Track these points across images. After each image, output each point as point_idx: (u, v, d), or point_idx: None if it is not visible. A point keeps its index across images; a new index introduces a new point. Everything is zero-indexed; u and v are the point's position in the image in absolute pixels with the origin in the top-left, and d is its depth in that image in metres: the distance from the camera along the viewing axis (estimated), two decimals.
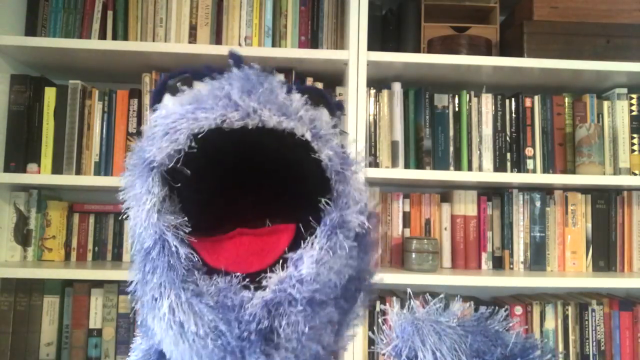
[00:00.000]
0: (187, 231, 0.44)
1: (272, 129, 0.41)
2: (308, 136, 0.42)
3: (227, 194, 0.53)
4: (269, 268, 0.43)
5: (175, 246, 0.42)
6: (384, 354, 0.42)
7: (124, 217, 0.46)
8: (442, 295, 0.46)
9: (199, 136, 0.41)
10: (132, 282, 0.46)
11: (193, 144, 0.41)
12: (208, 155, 0.42)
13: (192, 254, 0.43)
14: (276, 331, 0.41)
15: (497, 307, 0.46)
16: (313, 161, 0.44)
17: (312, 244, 0.43)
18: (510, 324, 0.45)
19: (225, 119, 0.40)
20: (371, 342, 1.34)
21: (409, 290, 0.42)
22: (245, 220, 0.49)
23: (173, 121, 0.42)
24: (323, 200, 0.44)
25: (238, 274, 0.43)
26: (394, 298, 1.36)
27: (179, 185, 0.44)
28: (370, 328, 1.34)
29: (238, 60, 0.48)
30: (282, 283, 0.42)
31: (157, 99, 0.48)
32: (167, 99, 0.47)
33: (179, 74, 0.47)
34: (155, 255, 0.43)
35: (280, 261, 0.44)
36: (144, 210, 0.43)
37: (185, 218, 0.44)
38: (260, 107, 0.41)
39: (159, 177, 0.42)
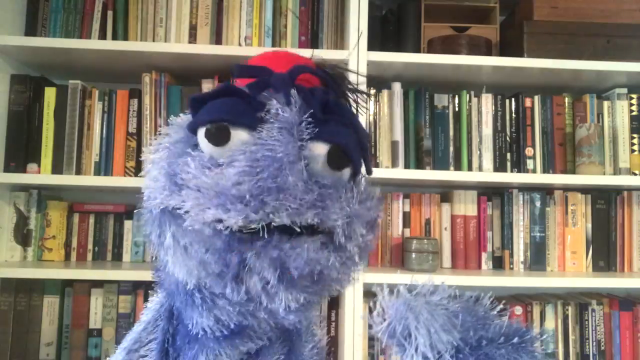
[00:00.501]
0: None
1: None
2: (315, 222, 0.45)
3: None
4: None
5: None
6: (379, 335, 0.44)
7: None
8: (431, 275, 0.47)
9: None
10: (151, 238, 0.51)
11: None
12: None
13: None
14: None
15: (482, 293, 0.47)
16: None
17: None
18: (496, 309, 0.46)
19: (242, 223, 0.43)
20: (371, 343, 1.34)
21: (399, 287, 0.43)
22: None
23: (203, 204, 0.44)
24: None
25: None
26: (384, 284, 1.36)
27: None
28: (371, 328, 1.34)
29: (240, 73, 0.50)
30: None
31: (193, 129, 0.50)
32: (204, 141, 0.48)
33: (215, 115, 0.48)
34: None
35: None
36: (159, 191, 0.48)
37: None
38: (274, 212, 0.43)
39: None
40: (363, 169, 0.54)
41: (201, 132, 0.48)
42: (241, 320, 0.48)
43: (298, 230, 0.44)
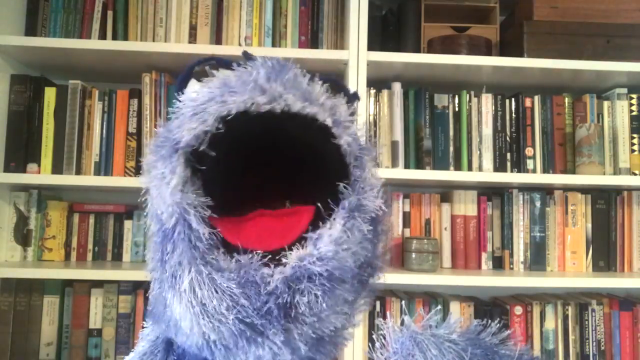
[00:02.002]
0: (208, 211, 0.45)
1: (294, 114, 0.43)
2: (329, 122, 0.44)
3: (248, 177, 0.55)
4: (288, 247, 0.45)
5: (197, 224, 0.43)
6: None
7: (141, 199, 0.48)
8: (438, 307, 0.46)
9: (228, 118, 0.42)
10: (150, 263, 0.47)
11: (221, 125, 0.42)
12: (231, 137, 0.43)
13: (213, 232, 0.44)
14: (295, 306, 0.43)
15: (489, 320, 0.46)
16: (332, 146, 0.45)
17: (331, 225, 0.44)
18: (505, 335, 0.45)
19: (253, 103, 0.42)
20: (371, 343, 1.34)
21: (402, 303, 0.42)
22: (265, 202, 0.50)
23: (202, 103, 0.43)
24: (341, 184, 0.45)
25: (258, 251, 0.44)
26: (389, 319, 1.36)
27: (203, 167, 0.44)
28: (370, 328, 1.34)
29: (250, 58, 0.49)
30: (302, 260, 0.43)
31: (182, 84, 0.49)
32: (193, 84, 0.48)
33: (204, 60, 0.48)
34: (177, 233, 0.43)
35: (301, 242, 0.45)
36: (167, 189, 0.43)
37: (208, 198, 0.45)
38: (285, 92, 0.42)
39: (184, 158, 0.43)
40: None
41: (190, 83, 0.48)
42: None
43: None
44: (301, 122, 0.44)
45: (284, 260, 0.44)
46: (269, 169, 0.54)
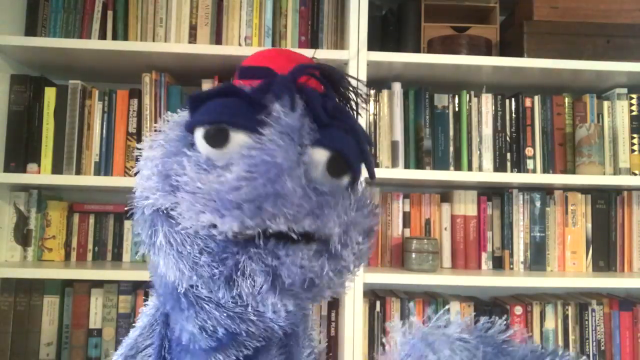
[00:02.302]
0: None
1: None
2: (310, 230, 0.44)
3: None
4: None
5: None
6: None
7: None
8: (447, 307, 0.46)
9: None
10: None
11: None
12: None
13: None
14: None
15: (495, 316, 0.45)
16: None
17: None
18: (511, 332, 0.44)
19: (239, 230, 0.42)
20: (371, 343, 1.34)
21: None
22: None
23: (198, 208, 0.43)
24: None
25: None
26: (398, 321, 1.36)
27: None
28: (371, 328, 1.34)
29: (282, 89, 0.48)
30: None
31: (190, 129, 0.48)
32: (201, 142, 0.47)
33: (215, 117, 0.46)
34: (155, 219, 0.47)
35: None
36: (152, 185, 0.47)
37: None
38: (270, 219, 0.42)
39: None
40: (364, 174, 0.54)
41: (199, 132, 0.46)
42: (229, 324, 0.47)
43: (295, 237, 0.43)
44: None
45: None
46: None
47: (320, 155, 0.47)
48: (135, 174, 0.50)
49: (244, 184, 0.42)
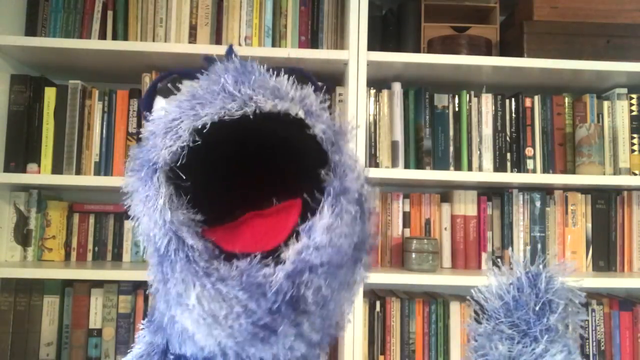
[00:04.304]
0: (199, 225, 0.45)
1: (267, 112, 0.43)
2: (301, 114, 0.44)
3: (230, 181, 0.55)
4: (284, 243, 0.45)
5: (192, 240, 0.44)
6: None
7: (135, 223, 0.47)
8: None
9: (204, 131, 0.42)
10: (152, 284, 0.47)
11: (196, 138, 0.42)
12: (207, 146, 0.44)
13: (209, 244, 0.44)
14: (301, 300, 0.43)
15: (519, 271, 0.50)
16: (308, 137, 0.46)
17: (321, 213, 0.45)
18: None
19: (225, 111, 0.42)
20: (371, 343, 1.34)
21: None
22: (252, 203, 0.50)
23: (173, 119, 0.43)
24: (322, 172, 0.46)
25: (257, 253, 0.44)
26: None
27: (186, 181, 0.45)
28: (371, 328, 1.34)
29: (230, 53, 0.49)
30: (300, 253, 0.44)
31: (148, 103, 0.50)
32: (160, 101, 0.48)
33: (167, 75, 0.48)
34: (173, 252, 0.44)
35: (294, 235, 0.45)
36: (155, 211, 0.44)
37: (197, 213, 0.45)
38: (254, 94, 0.43)
39: (164, 176, 0.44)
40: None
41: (156, 100, 0.49)
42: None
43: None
44: (274, 119, 0.44)
45: (282, 257, 0.44)
46: (252, 169, 0.55)
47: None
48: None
49: (214, 77, 0.44)
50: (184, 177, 0.44)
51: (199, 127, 0.42)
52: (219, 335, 0.43)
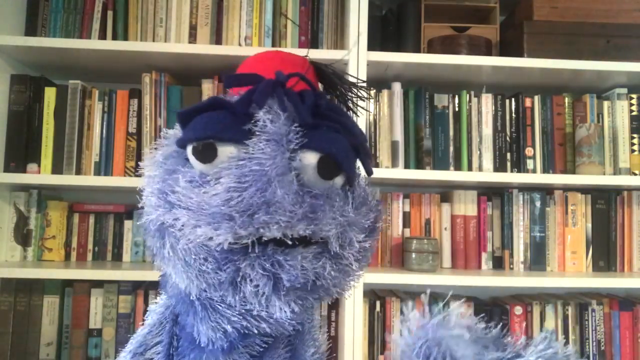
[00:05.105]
0: None
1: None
2: (307, 234, 0.45)
3: None
4: None
5: None
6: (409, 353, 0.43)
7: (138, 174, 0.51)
8: (462, 300, 0.47)
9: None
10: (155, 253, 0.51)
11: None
12: None
13: None
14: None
15: (493, 324, 0.47)
16: None
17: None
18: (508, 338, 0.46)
19: (232, 240, 0.43)
20: (371, 343, 1.34)
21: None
22: None
23: (194, 223, 0.44)
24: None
25: None
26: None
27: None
28: (371, 328, 1.34)
29: (274, 89, 0.48)
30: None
31: (182, 146, 0.50)
32: (192, 157, 0.48)
33: (201, 134, 0.47)
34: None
35: None
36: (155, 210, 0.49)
37: None
38: (264, 227, 0.43)
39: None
40: (363, 173, 0.54)
41: (189, 149, 0.48)
42: (241, 324, 0.48)
43: (290, 242, 0.44)
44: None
45: None
46: None
47: (310, 159, 0.47)
48: (140, 191, 0.52)
49: (234, 195, 0.43)
50: None
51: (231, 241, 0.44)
52: (192, 276, 0.47)
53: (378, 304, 1.35)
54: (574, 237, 1.41)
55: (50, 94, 1.33)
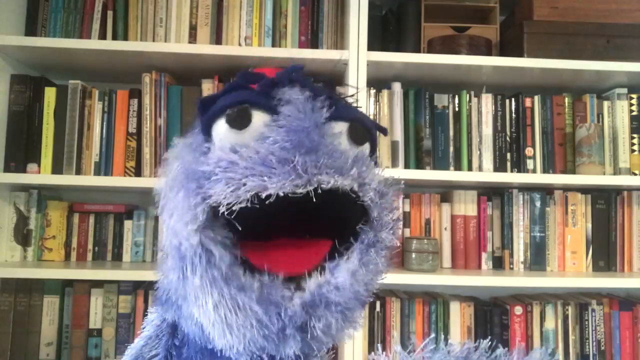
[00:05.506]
0: (229, 243, 0.46)
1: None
2: (355, 187, 0.46)
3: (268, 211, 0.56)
4: (308, 274, 0.47)
5: (217, 251, 0.44)
6: None
7: (161, 222, 0.48)
8: (432, 336, 0.49)
9: (266, 200, 0.43)
10: (164, 272, 0.49)
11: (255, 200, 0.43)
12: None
13: (235, 254, 0.45)
14: (310, 328, 0.45)
15: (480, 340, 0.48)
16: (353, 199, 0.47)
17: (349, 257, 0.47)
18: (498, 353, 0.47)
19: (290, 188, 0.43)
20: (371, 343, 1.34)
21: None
22: (281, 228, 0.51)
23: (241, 176, 0.43)
24: (359, 226, 0.49)
25: (279, 274, 0.45)
26: (379, 350, 1.36)
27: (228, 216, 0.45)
28: (371, 328, 1.34)
29: (288, 76, 0.49)
30: (320, 287, 0.45)
31: (208, 124, 0.48)
32: (222, 126, 0.47)
33: (236, 100, 0.47)
34: (196, 257, 0.44)
35: (319, 270, 0.47)
36: (184, 230, 0.44)
37: (229, 233, 0.45)
38: (320, 173, 0.43)
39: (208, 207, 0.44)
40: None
41: (220, 122, 0.47)
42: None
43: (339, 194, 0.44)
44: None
45: (302, 284, 0.46)
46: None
47: (341, 127, 0.49)
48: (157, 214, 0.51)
49: (286, 144, 0.43)
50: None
51: (261, 193, 0.43)
52: (230, 340, 0.45)
53: (378, 304, 1.35)
54: (574, 237, 1.41)
55: (50, 94, 1.33)
